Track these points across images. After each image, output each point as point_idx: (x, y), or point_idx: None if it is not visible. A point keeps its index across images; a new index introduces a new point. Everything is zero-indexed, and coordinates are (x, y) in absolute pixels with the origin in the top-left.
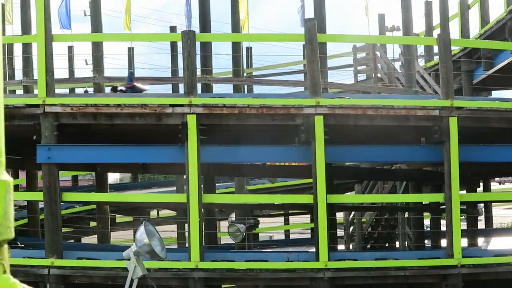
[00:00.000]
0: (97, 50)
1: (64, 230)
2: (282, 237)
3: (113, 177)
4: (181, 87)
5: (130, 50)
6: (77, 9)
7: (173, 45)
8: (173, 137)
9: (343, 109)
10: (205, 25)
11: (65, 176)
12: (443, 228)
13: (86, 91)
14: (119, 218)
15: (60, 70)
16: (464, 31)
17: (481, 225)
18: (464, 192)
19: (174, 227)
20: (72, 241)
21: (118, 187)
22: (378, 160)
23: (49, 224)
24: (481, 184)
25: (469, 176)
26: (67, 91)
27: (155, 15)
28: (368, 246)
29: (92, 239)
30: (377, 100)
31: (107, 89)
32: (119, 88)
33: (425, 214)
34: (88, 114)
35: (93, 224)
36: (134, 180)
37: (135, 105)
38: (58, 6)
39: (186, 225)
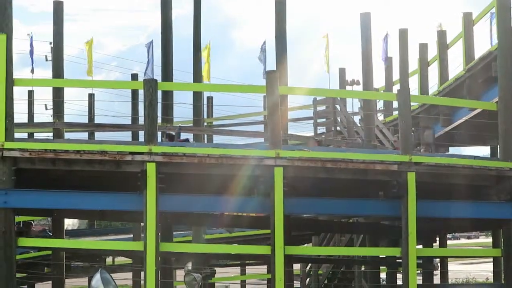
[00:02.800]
0: (58, 95)
1: (18, 275)
2: (239, 287)
3: (69, 222)
4: (141, 134)
5: (91, 96)
6: (39, 53)
7: (134, 93)
8: (132, 184)
9: (302, 161)
10: (167, 73)
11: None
12: (399, 282)
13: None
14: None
15: (19, 114)
16: (423, 87)
17: (436, 280)
18: (420, 246)
19: (129, 275)
20: (26, 287)
21: (74, 233)
22: (336, 213)
23: (3, 270)
24: (437, 239)
25: (426, 231)
26: (25, 135)
27: (116, 62)
28: None
29: (47, 286)
30: (337, 153)
31: (68, 135)
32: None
33: (381, 268)
34: (47, 159)
35: (48, 270)
36: (90, 226)
37: (95, 152)
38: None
39: (142, 273)
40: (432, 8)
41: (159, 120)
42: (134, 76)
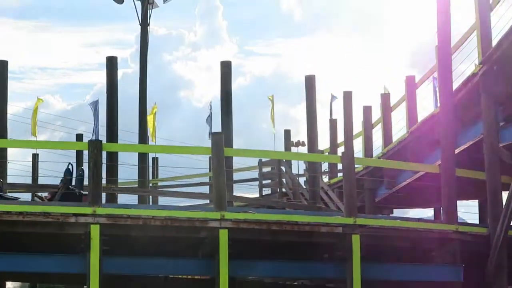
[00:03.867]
0: (0, 155)
1: None
2: None
3: (10, 286)
4: None
5: (35, 157)
6: None
7: (79, 153)
8: (76, 245)
9: (248, 224)
10: (112, 133)
11: None
12: None
13: None
14: None
15: None
16: (368, 150)
17: None
18: None
19: None
20: None
21: None
22: (282, 275)
23: None
24: None
25: None
26: None
27: (61, 121)
28: None
29: None
30: (282, 215)
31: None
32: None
33: None
34: None
35: None
36: None
37: (38, 213)
38: None
39: None
40: (376, 71)
41: (104, 181)
42: (79, 136)
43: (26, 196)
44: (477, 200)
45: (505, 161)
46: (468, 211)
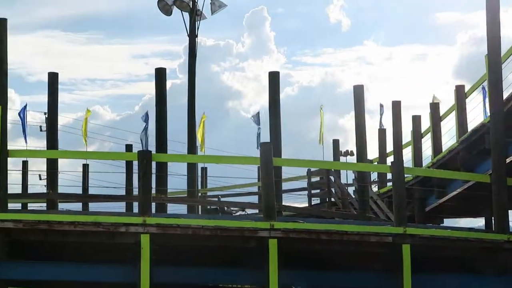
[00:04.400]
0: (52, 166)
1: None
2: None
3: None
4: (136, 205)
5: (85, 167)
6: (33, 123)
7: (129, 163)
8: (126, 255)
9: (297, 233)
10: (161, 144)
11: None
12: None
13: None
14: None
15: (13, 185)
16: (417, 159)
17: None
18: None
19: None
20: None
21: None
22: (333, 285)
23: None
24: None
25: None
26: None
27: (110, 131)
28: None
29: None
30: (331, 225)
31: (62, 205)
32: None
33: None
34: (40, 230)
35: None
36: None
37: (89, 223)
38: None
39: None
40: (424, 80)
41: (153, 191)
42: (129, 147)
43: (77, 206)
44: None
45: None
46: None
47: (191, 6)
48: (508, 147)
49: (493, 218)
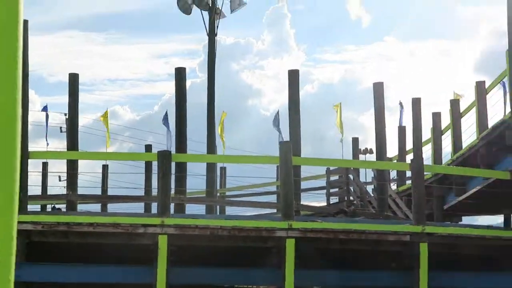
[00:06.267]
0: (71, 167)
1: None
2: None
3: None
4: (154, 205)
5: (105, 168)
6: (54, 124)
7: (148, 164)
8: (144, 255)
9: (315, 233)
10: (181, 144)
11: None
12: None
13: (53, 208)
14: None
15: (33, 186)
16: (437, 157)
17: None
18: None
19: None
20: None
21: None
22: (348, 284)
23: None
24: None
25: None
26: (38, 207)
27: (130, 132)
28: None
29: None
30: (349, 224)
31: (81, 206)
32: None
33: None
34: (59, 232)
35: None
36: None
37: (107, 224)
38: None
39: None
40: (444, 77)
41: (172, 191)
42: (148, 147)
43: (96, 207)
44: None
45: None
46: None
47: (210, 5)
48: None
49: None
